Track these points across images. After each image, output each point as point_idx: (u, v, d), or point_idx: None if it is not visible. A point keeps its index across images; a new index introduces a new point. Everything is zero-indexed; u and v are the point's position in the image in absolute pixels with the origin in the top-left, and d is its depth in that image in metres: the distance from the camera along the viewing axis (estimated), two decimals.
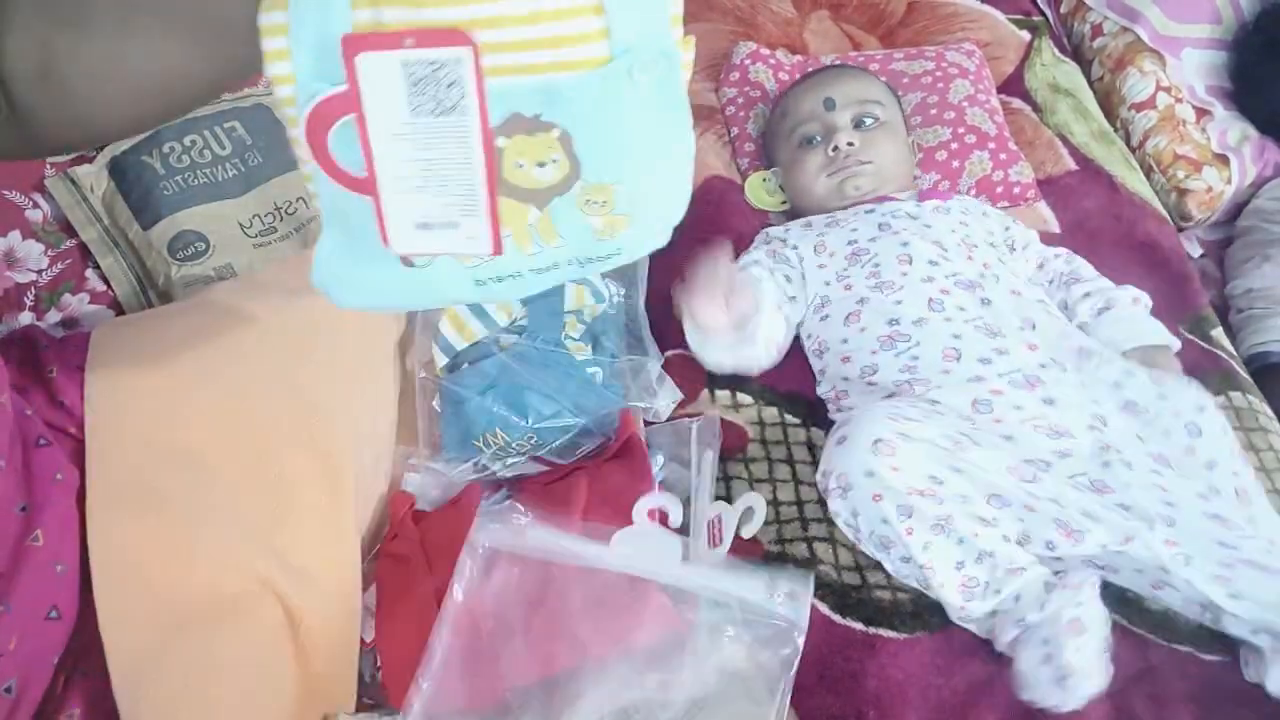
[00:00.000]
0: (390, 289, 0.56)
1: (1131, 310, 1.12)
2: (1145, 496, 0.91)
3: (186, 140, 1.20)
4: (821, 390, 1.07)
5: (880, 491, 0.87)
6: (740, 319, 0.97)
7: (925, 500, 0.87)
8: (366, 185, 0.49)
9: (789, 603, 0.83)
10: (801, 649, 0.82)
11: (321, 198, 0.52)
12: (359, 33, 0.45)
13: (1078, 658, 0.80)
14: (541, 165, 0.49)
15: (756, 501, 0.95)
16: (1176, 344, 1.10)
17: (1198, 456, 0.96)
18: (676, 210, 0.56)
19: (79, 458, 0.79)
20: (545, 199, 0.51)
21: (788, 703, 0.81)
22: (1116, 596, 0.92)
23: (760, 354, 1.03)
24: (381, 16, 0.45)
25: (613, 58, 0.47)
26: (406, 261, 0.54)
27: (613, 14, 0.46)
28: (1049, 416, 0.95)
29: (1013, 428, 0.95)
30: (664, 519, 0.93)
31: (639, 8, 0.47)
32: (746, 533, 0.94)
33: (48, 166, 1.22)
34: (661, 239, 0.57)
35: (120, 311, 1.08)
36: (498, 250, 0.51)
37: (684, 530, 0.93)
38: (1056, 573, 0.87)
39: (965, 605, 0.87)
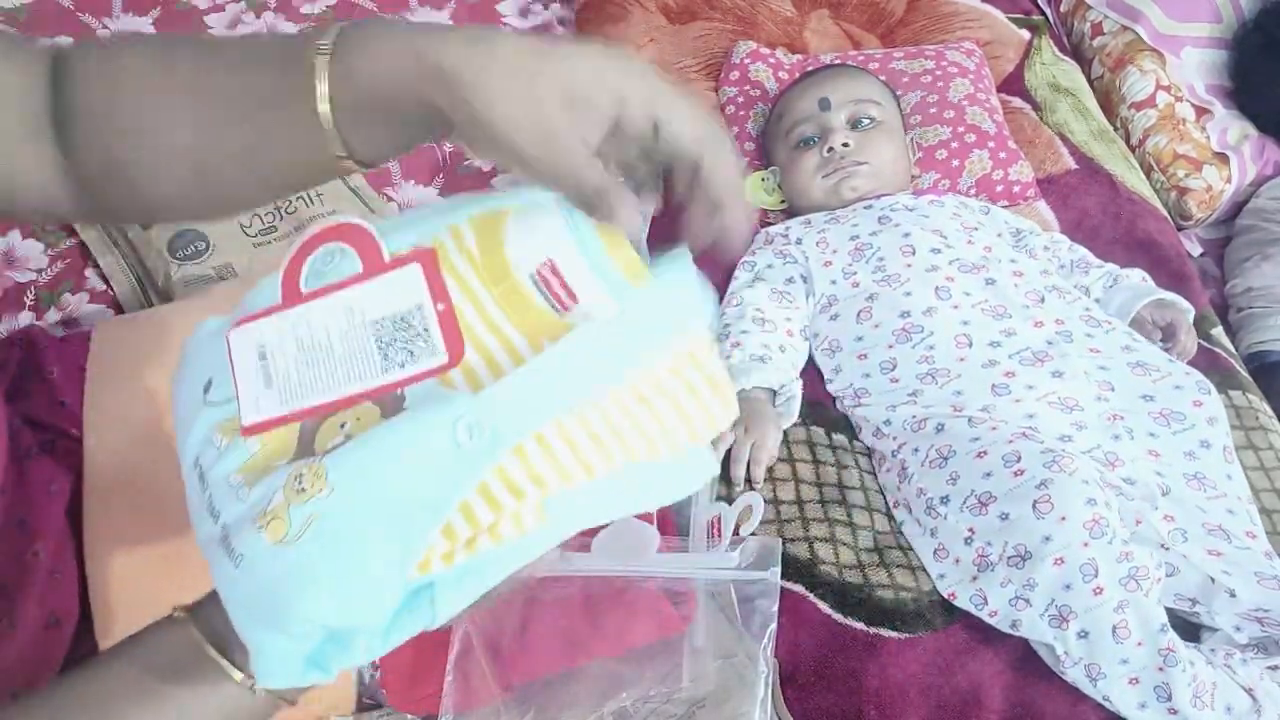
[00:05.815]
0: None
1: (1140, 281, 1.15)
2: (1144, 468, 0.93)
3: None
4: (835, 388, 1.07)
5: (1062, 555, 0.82)
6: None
7: (1102, 545, 0.82)
8: None
9: (760, 562, 0.85)
10: (777, 610, 0.83)
11: None
12: None
13: None
14: None
15: (755, 500, 0.95)
16: (1189, 306, 1.12)
17: (1204, 409, 0.98)
18: None
19: (79, 458, 0.79)
20: None
21: (775, 670, 0.82)
22: None
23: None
24: None
25: None
26: None
27: None
28: (1059, 390, 0.97)
29: (1032, 406, 0.96)
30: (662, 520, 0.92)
31: None
32: (745, 530, 0.94)
33: None
34: None
35: (120, 311, 1.07)
36: None
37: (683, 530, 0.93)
38: None
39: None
